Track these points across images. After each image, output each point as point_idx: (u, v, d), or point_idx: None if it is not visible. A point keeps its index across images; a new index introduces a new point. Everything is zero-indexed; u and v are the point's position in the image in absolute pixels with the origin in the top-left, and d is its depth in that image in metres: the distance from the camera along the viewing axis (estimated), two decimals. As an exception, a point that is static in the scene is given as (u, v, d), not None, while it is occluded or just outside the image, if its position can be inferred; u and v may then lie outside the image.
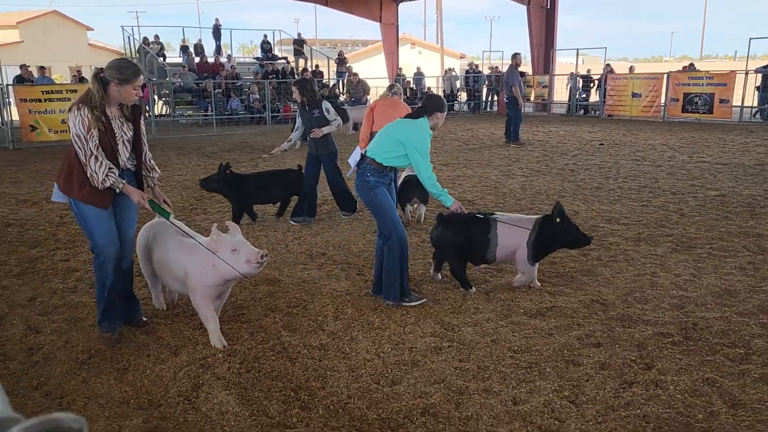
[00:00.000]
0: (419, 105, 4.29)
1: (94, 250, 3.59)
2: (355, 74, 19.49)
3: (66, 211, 7.03)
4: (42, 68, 17.43)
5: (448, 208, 4.17)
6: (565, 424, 2.74)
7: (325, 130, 6.32)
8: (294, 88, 6.53)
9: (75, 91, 14.22)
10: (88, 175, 3.33)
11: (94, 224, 3.48)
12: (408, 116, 4.24)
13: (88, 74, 23.40)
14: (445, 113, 4.27)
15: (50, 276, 4.90)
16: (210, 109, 17.98)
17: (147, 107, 17.75)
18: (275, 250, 5.51)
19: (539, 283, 4.47)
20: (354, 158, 4.25)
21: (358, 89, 17.90)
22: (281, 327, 3.86)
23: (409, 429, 2.74)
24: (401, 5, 27.99)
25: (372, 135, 6.25)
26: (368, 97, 17.95)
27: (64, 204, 3.63)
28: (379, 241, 4.24)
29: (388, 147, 4.10)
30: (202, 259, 3.53)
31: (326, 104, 6.39)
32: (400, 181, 6.18)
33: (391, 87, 6.70)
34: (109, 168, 3.35)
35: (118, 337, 3.66)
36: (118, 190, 3.44)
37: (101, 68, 3.39)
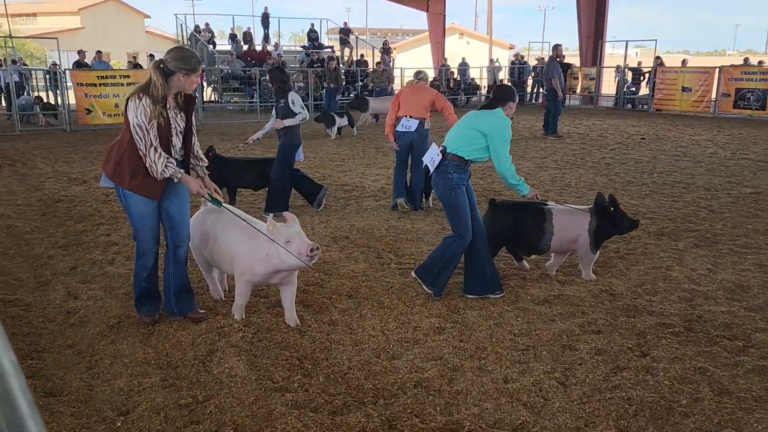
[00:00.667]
0: (490, 96, 4.27)
1: (137, 243, 3.65)
2: (379, 63, 19.36)
3: (111, 190, 7.46)
4: (99, 53, 18.25)
5: (524, 196, 4.21)
6: (549, 403, 2.87)
7: (287, 122, 6.22)
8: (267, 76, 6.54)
9: (128, 76, 14.85)
10: (147, 165, 3.34)
11: (138, 220, 3.52)
12: (483, 108, 4.20)
13: (143, 60, 24.36)
14: (516, 102, 4.23)
15: (92, 248, 5.28)
16: (255, 96, 18.43)
17: (196, 93, 18.35)
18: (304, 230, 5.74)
19: (594, 276, 4.50)
20: (431, 156, 4.21)
21: (383, 78, 17.86)
22: (297, 302, 4.07)
23: (400, 399, 2.92)
24: (450, -5, 27.90)
25: (398, 120, 6.44)
26: (393, 86, 17.86)
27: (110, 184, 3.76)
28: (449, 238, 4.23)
29: (471, 140, 4.05)
30: (257, 246, 3.57)
31: (293, 95, 6.23)
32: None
33: (417, 74, 6.75)
34: (167, 158, 3.36)
35: (157, 318, 3.76)
36: (176, 180, 3.45)
37: (161, 59, 3.39)
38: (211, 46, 21.77)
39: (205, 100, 20.63)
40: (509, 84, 4.79)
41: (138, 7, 48.36)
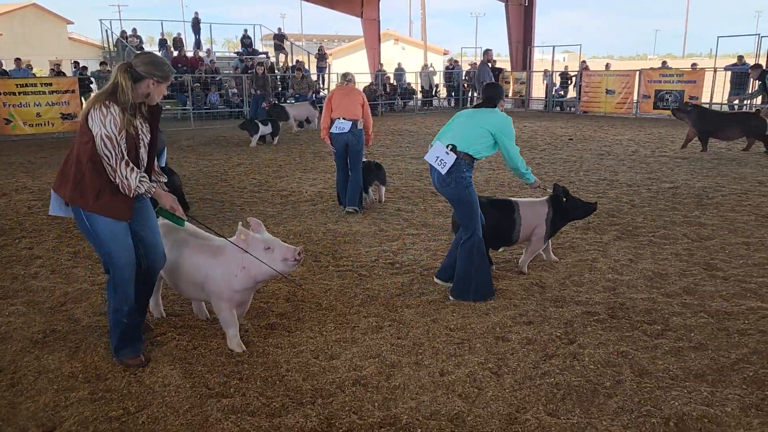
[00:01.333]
0: (484, 96, 4.31)
1: (112, 271, 3.16)
2: (299, 70, 19.20)
3: (34, 202, 7.14)
4: (18, 60, 17.39)
5: (529, 185, 4.40)
6: (483, 392, 2.96)
7: None
8: None
9: (50, 84, 14.22)
10: (118, 181, 2.95)
11: (112, 241, 3.06)
12: (479, 106, 4.26)
13: (67, 68, 23.33)
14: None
15: (13, 263, 5.03)
16: (188, 103, 18.02)
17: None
18: (237, 239, 5.67)
19: (556, 257, 4.89)
20: (437, 155, 4.10)
21: (303, 85, 17.86)
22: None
23: (338, 397, 2.94)
24: (384, 1, 28.19)
25: (332, 122, 6.50)
26: (312, 93, 17.80)
27: (33, 194, 3.51)
28: (460, 235, 4.26)
29: (480, 138, 4.10)
30: (229, 261, 3.30)
31: None
32: None
33: (345, 75, 6.92)
34: (139, 172, 3.00)
35: (143, 359, 3.29)
36: (149, 196, 3.12)
37: (128, 62, 3.02)
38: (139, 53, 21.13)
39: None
40: (497, 83, 4.94)
41: (61, 13, 46.38)
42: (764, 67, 10.67)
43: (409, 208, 6.84)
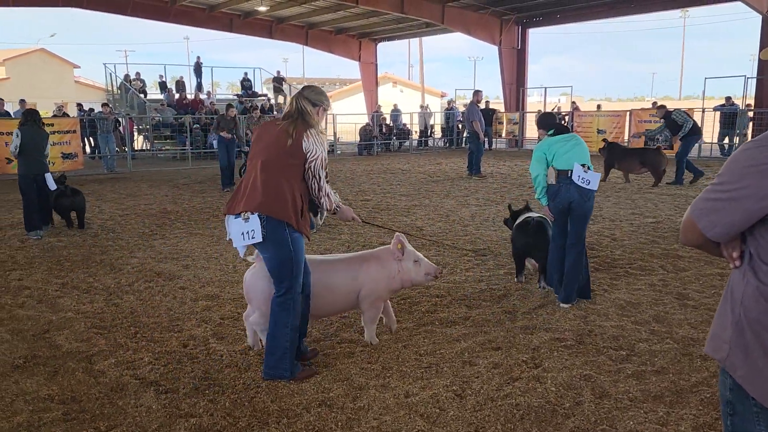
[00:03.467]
0: (562, 124, 5.07)
1: (290, 288, 3.28)
2: (256, 110, 19.41)
3: (27, 237, 7.29)
4: (23, 101, 17.81)
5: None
6: (444, 412, 3.04)
7: None
8: None
9: (52, 124, 14.55)
10: (323, 198, 3.31)
11: (301, 263, 3.29)
12: (562, 133, 4.76)
13: (72, 110, 23.85)
14: None
15: (2, 293, 5.14)
16: (187, 143, 18.36)
17: (124, 141, 18.14)
18: (222, 271, 5.80)
19: None
20: (581, 176, 4.61)
21: (259, 125, 18.09)
22: (210, 335, 4.14)
23: (303, 417, 3.02)
24: (384, 45, 28.97)
25: None
26: None
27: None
28: (564, 241, 4.68)
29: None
30: (388, 266, 3.79)
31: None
32: None
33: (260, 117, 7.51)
34: None
35: (314, 368, 3.52)
36: (336, 212, 3.47)
37: (301, 93, 3.33)
38: (142, 95, 21.66)
39: (136, 148, 20.39)
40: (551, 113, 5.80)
41: (69, 58, 47.60)
42: (667, 108, 11.90)
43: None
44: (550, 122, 4.90)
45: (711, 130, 17.37)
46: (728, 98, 17.86)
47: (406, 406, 3.10)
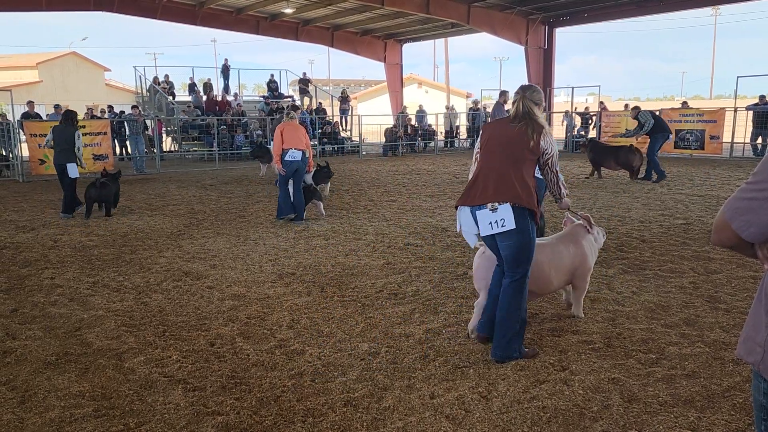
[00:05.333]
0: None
1: (526, 273, 3.59)
2: (298, 109, 19.44)
3: (60, 236, 7.48)
4: (57, 107, 18.24)
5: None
6: (470, 414, 3.02)
7: None
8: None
9: (84, 126, 14.86)
10: (561, 188, 3.79)
11: (535, 246, 3.61)
12: None
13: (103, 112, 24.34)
14: None
15: (35, 291, 5.27)
16: (214, 144, 18.60)
17: (153, 143, 18.42)
18: (249, 271, 5.85)
19: None
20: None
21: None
22: (237, 334, 4.18)
23: (329, 417, 3.03)
24: (409, 46, 28.95)
25: (284, 152, 7.90)
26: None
27: (59, 229, 3.73)
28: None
29: None
30: (589, 245, 4.22)
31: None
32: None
33: (288, 113, 8.23)
34: None
35: (536, 349, 3.77)
36: (562, 199, 3.89)
37: (525, 95, 3.61)
38: (170, 97, 22.00)
39: (165, 149, 20.72)
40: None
41: (100, 61, 48.64)
42: (640, 109, 12.77)
43: (419, 242, 6.96)
44: None
45: (744, 130, 16.99)
46: (762, 97, 17.42)
47: (432, 408, 3.09)
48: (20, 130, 15.11)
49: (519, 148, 3.52)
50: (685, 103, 20.16)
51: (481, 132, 3.80)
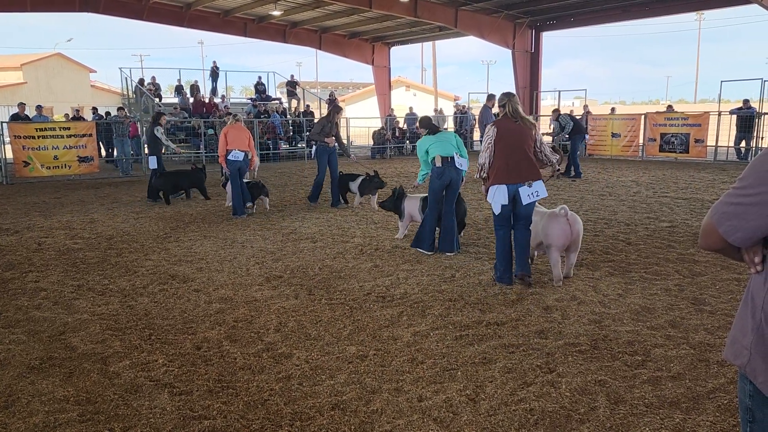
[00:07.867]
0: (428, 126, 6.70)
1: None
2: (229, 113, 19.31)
3: (44, 239, 7.39)
4: (39, 107, 18.05)
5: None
6: (458, 417, 3.02)
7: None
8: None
9: (68, 128, 14.74)
10: (553, 159, 5.29)
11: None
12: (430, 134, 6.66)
13: (87, 114, 24.13)
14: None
15: (18, 295, 5.21)
16: (201, 146, 18.49)
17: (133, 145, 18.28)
18: (236, 274, 5.82)
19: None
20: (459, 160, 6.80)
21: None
22: (224, 338, 4.15)
23: (317, 420, 3.02)
24: (397, 49, 29.00)
25: (227, 152, 8.78)
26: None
27: (44, 231, 3.78)
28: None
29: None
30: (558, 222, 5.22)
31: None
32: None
33: (234, 116, 9.30)
34: None
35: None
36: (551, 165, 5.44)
37: (509, 98, 5.19)
38: (156, 99, 21.85)
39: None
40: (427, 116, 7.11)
41: (85, 62, 48.19)
42: (560, 112, 14.64)
43: (406, 245, 6.97)
44: (428, 124, 6.68)
45: (728, 134, 17.20)
46: (746, 101, 17.65)
47: (420, 410, 3.09)
48: (1, 132, 14.93)
49: (529, 138, 5.06)
50: (670, 107, 20.37)
51: (493, 128, 5.08)
